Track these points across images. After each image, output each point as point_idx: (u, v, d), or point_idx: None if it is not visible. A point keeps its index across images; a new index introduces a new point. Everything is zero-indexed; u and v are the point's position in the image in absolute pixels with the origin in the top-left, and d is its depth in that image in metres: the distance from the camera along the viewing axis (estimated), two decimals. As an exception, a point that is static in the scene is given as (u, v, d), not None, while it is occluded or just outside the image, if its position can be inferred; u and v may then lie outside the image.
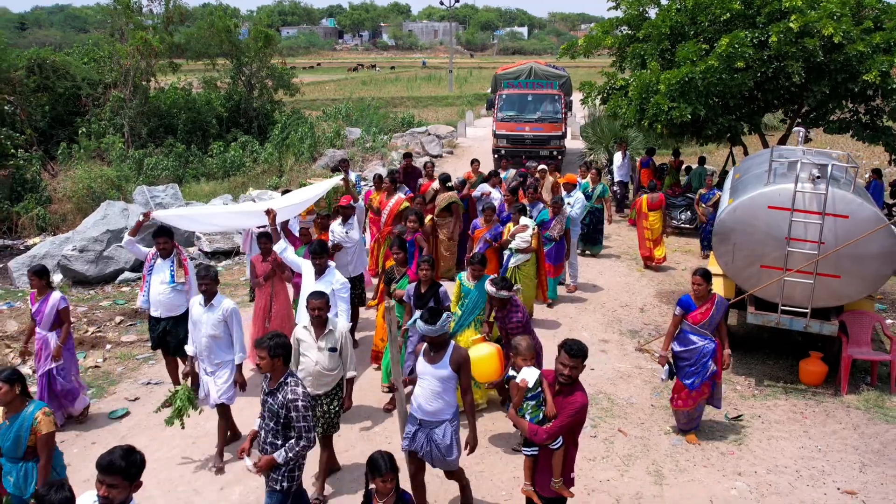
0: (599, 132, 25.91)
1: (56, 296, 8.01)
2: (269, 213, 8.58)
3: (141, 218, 8.44)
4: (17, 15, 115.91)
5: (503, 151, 23.12)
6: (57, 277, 14.16)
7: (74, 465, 7.17)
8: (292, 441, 5.39)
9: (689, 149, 24.79)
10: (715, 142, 18.16)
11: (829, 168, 8.47)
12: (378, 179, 13.12)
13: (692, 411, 7.71)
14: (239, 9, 34.70)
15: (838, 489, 6.92)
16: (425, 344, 5.96)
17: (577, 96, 26.75)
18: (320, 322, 6.44)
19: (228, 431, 7.54)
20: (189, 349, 7.39)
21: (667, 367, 7.75)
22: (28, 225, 18.75)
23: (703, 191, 14.87)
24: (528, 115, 23.67)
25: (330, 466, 6.93)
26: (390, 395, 8.27)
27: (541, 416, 5.21)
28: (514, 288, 7.10)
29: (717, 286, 9.70)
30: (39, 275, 7.92)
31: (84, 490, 4.14)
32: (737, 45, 14.21)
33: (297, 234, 9.82)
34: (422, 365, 5.91)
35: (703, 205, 14.45)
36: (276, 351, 5.42)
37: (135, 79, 25.99)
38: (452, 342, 5.93)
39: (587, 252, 14.86)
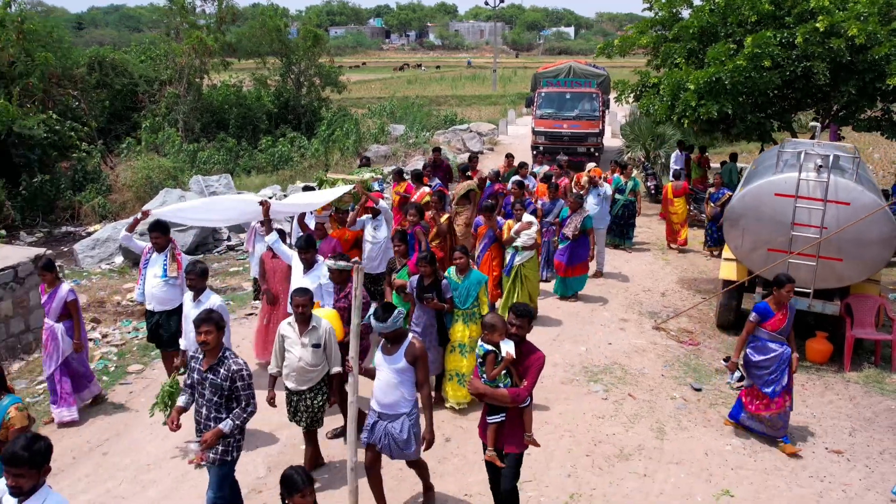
0: (637, 130, 26.44)
1: (65, 288, 8.22)
2: (263, 203, 8.43)
3: (139, 215, 8.47)
4: (74, 15, 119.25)
5: (541, 148, 23.79)
6: (118, 259, 15.31)
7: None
8: (237, 410, 5.57)
9: (735, 148, 25.16)
10: (745, 139, 18.66)
11: (831, 158, 9.09)
12: (398, 173, 13.42)
13: (776, 417, 7.56)
14: (288, 9, 35.78)
15: (826, 448, 7.59)
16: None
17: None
18: (304, 318, 6.53)
19: None
20: (182, 343, 7.54)
21: (737, 372, 7.74)
22: (89, 213, 20.02)
23: (712, 189, 15.11)
24: (567, 113, 24.33)
25: (315, 462, 7.08)
26: None
27: (510, 381, 5.53)
28: (353, 261, 7.04)
29: (730, 270, 10.39)
30: (48, 268, 8.17)
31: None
32: (762, 45, 14.72)
33: (312, 229, 9.83)
34: (379, 357, 6.00)
35: (712, 204, 14.61)
36: (222, 323, 5.63)
37: (189, 76, 27.25)
38: (410, 335, 6.02)
39: (617, 245, 15.46)
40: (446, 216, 11.07)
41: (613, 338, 10.46)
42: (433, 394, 7.95)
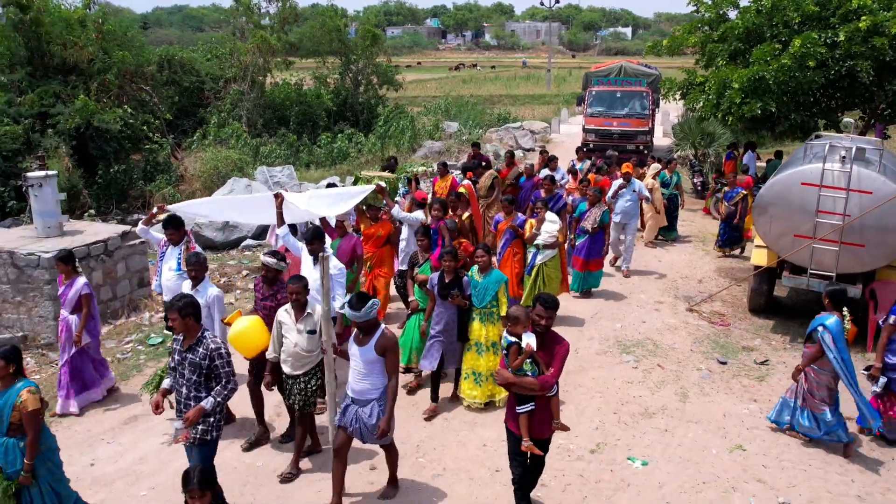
0: (687, 129, 26.88)
1: (80, 281, 8.38)
2: (277, 196, 8.40)
3: (155, 209, 8.71)
4: (140, 15, 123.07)
5: (591, 145, 24.42)
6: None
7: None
8: (218, 388, 5.75)
9: (782, 146, 25.44)
10: (789, 137, 19.07)
11: (853, 150, 9.68)
12: (443, 167, 13.71)
13: None
14: (346, 9, 36.98)
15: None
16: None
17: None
18: (299, 305, 6.74)
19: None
20: None
21: (882, 379, 7.60)
22: (160, 201, 21.31)
23: (727, 188, 15.11)
24: (616, 111, 24.93)
25: (312, 448, 7.35)
26: (409, 374, 8.85)
27: (537, 370, 5.68)
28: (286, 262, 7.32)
29: (761, 256, 11.02)
30: (65, 261, 8.32)
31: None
32: (809, 45, 15.17)
33: (333, 226, 9.80)
34: (352, 346, 6.21)
35: (726, 203, 14.56)
36: (187, 311, 5.71)
37: (253, 74, 28.54)
38: (382, 326, 6.18)
39: (660, 237, 16.06)
40: (467, 213, 11.27)
41: (648, 317, 11.19)
42: (452, 390, 8.54)
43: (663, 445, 7.51)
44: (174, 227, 8.27)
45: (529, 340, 5.68)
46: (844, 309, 7.61)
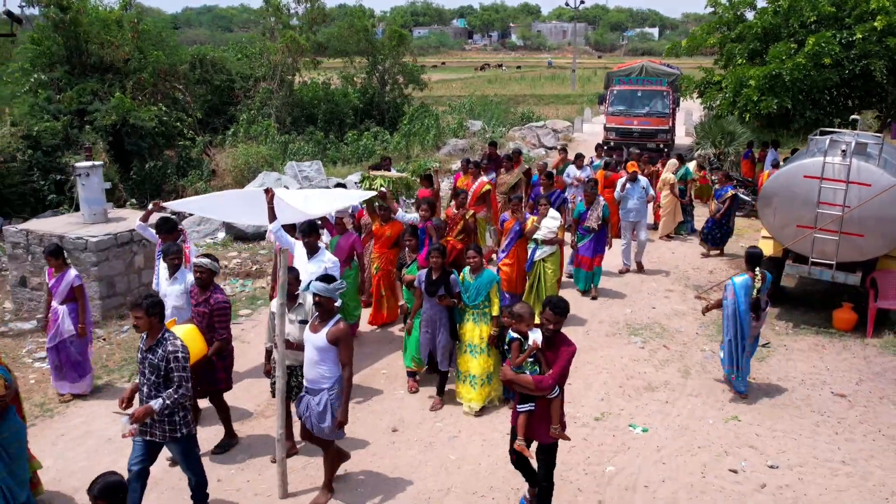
0: (707, 129, 27.29)
1: (71, 273, 8.56)
2: (267, 192, 8.14)
3: (150, 207, 8.78)
4: (170, 15, 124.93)
5: (612, 144, 24.92)
6: (220, 235, 17.26)
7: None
8: (170, 390, 5.78)
9: (799, 143, 25.74)
10: (805, 135, 19.43)
11: (853, 144, 10.17)
12: (465, 164, 13.93)
13: None
14: (373, 10, 37.76)
15: (832, 392, 8.74)
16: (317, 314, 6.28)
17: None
18: (291, 296, 6.87)
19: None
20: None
21: None
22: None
23: (717, 186, 15.14)
24: (637, 110, 25.46)
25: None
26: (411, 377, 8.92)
27: (538, 369, 5.71)
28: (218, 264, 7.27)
29: (766, 246, 11.52)
30: (55, 254, 8.48)
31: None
32: (823, 45, 15.60)
33: (332, 223, 9.88)
34: (306, 333, 6.31)
35: (716, 201, 14.65)
36: (153, 310, 5.77)
37: (282, 73, 29.34)
38: (338, 316, 6.23)
39: (680, 232, 16.52)
40: (472, 212, 11.34)
41: (658, 303, 11.74)
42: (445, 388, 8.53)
43: (663, 415, 8.09)
44: (166, 231, 8.42)
45: (536, 337, 5.71)
46: (757, 269, 8.56)
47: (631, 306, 11.63)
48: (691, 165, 17.87)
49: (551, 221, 10.48)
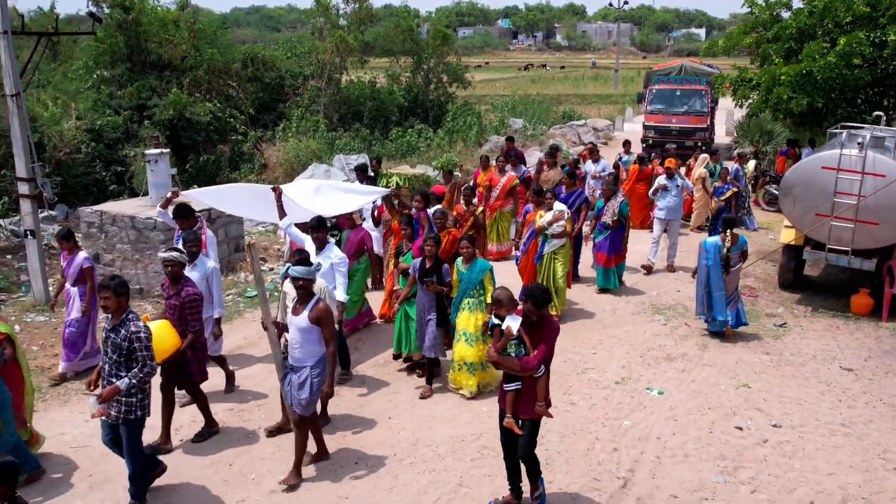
0: (746, 128, 27.71)
1: (81, 256, 8.93)
2: (275, 189, 8.63)
3: (169, 194, 9.10)
4: (220, 15, 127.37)
5: (650, 141, 25.51)
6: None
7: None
8: (135, 370, 5.92)
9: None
10: (838, 132, 19.85)
11: (868, 137, 10.76)
12: (485, 160, 14.26)
13: None
14: (419, 10, 38.72)
15: (840, 366, 9.38)
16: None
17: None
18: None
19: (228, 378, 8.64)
20: None
21: None
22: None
23: (717, 184, 15.38)
24: (676, 109, 25.97)
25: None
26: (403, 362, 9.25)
27: (523, 351, 5.90)
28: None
29: (789, 234, 12.14)
30: (66, 238, 8.86)
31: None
32: (855, 45, 16.07)
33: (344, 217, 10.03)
34: (289, 316, 6.66)
35: (717, 199, 14.89)
36: (121, 290, 5.94)
37: (330, 72, 30.41)
38: (317, 297, 6.60)
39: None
40: (482, 208, 11.62)
41: (683, 287, 12.45)
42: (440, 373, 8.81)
43: (679, 381, 8.84)
44: (183, 216, 8.66)
45: (511, 323, 5.88)
46: (729, 231, 10.20)
47: (657, 289, 12.37)
48: (750, 165, 18.19)
49: (558, 215, 10.49)
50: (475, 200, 12.33)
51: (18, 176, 11.54)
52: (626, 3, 63.10)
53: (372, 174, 13.50)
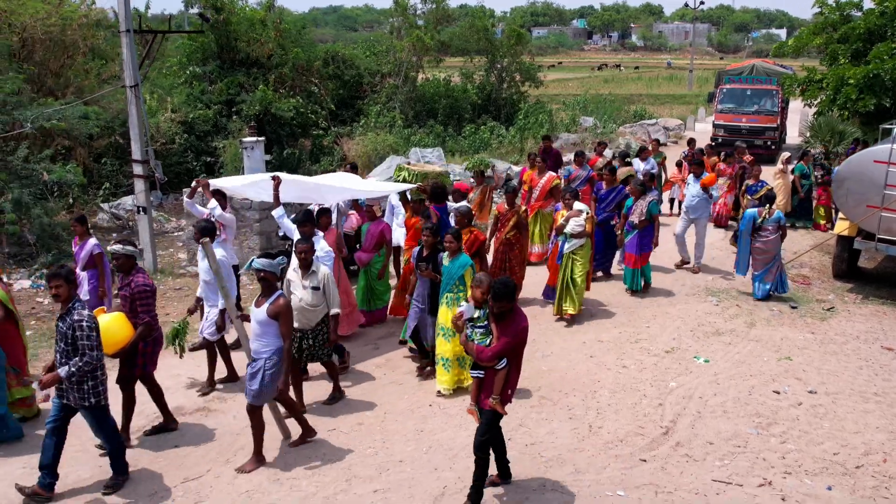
0: (817, 128, 27.82)
1: (92, 242, 9.12)
2: (274, 178, 8.67)
3: (194, 184, 9.47)
4: (298, 15, 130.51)
5: (720, 140, 25.91)
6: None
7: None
8: (76, 358, 5.98)
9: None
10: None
11: (919, 132, 11.32)
12: (532, 158, 14.25)
13: None
14: (494, 10, 39.62)
15: (882, 346, 9.99)
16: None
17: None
18: (306, 264, 7.55)
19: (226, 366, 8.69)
20: (199, 292, 8.43)
21: None
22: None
23: (749, 181, 15.03)
24: (746, 108, 26.32)
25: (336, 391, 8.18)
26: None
27: (487, 341, 5.98)
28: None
29: (843, 226, 12.71)
30: (81, 221, 9.15)
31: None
32: (925, 46, 16.43)
33: (363, 209, 10.41)
34: (252, 308, 6.85)
35: (749, 196, 14.45)
36: (71, 277, 6.10)
37: (406, 70, 31.62)
38: (279, 292, 6.74)
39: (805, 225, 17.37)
40: (525, 207, 11.71)
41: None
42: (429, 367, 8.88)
43: (724, 353, 9.64)
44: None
45: (462, 309, 6.15)
46: (767, 206, 11.59)
47: (713, 274, 13.09)
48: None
49: (578, 215, 10.49)
50: (518, 200, 12.00)
51: (134, 158, 12.99)
52: (702, 3, 62.68)
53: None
